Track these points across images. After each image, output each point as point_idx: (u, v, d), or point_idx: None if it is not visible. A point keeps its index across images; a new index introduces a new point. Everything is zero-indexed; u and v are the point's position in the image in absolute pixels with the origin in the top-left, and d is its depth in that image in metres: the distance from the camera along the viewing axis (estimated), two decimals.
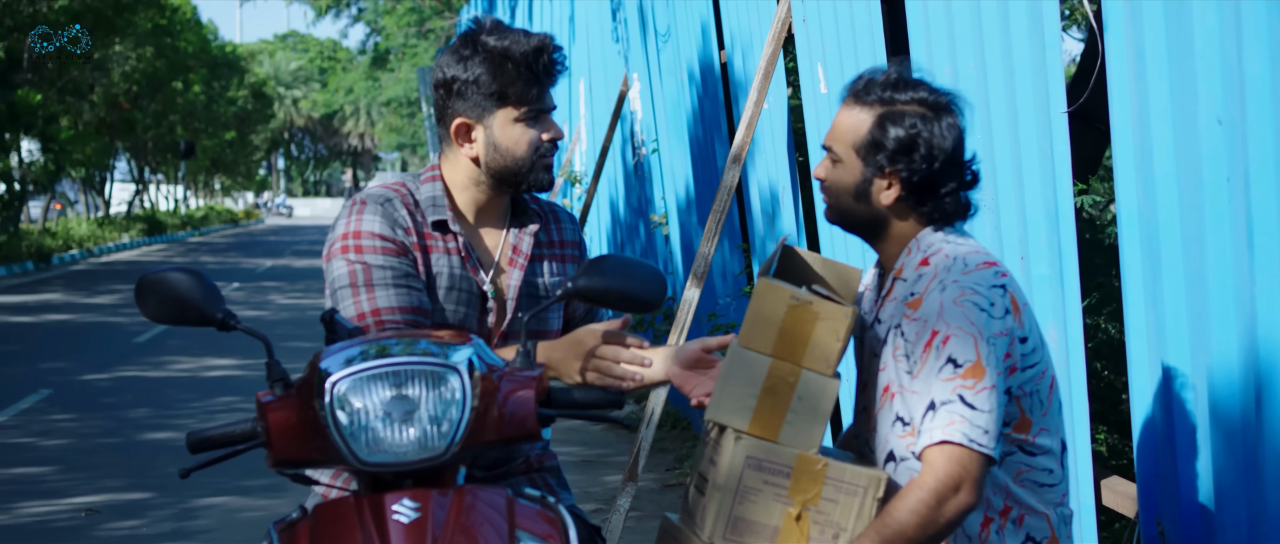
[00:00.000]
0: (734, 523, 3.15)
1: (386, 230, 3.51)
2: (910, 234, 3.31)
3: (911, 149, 3.23)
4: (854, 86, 3.35)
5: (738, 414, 3.18)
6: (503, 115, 3.50)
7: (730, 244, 8.51)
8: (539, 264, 3.63)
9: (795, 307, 3.18)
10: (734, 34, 7.92)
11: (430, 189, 3.59)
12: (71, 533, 7.79)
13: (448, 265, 3.55)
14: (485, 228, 3.63)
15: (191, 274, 3.18)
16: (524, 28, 3.56)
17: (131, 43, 40.86)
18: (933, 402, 3.12)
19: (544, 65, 3.47)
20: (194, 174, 64.64)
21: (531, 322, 3.56)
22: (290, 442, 3.03)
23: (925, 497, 3.07)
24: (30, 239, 34.64)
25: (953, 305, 3.14)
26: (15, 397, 12.56)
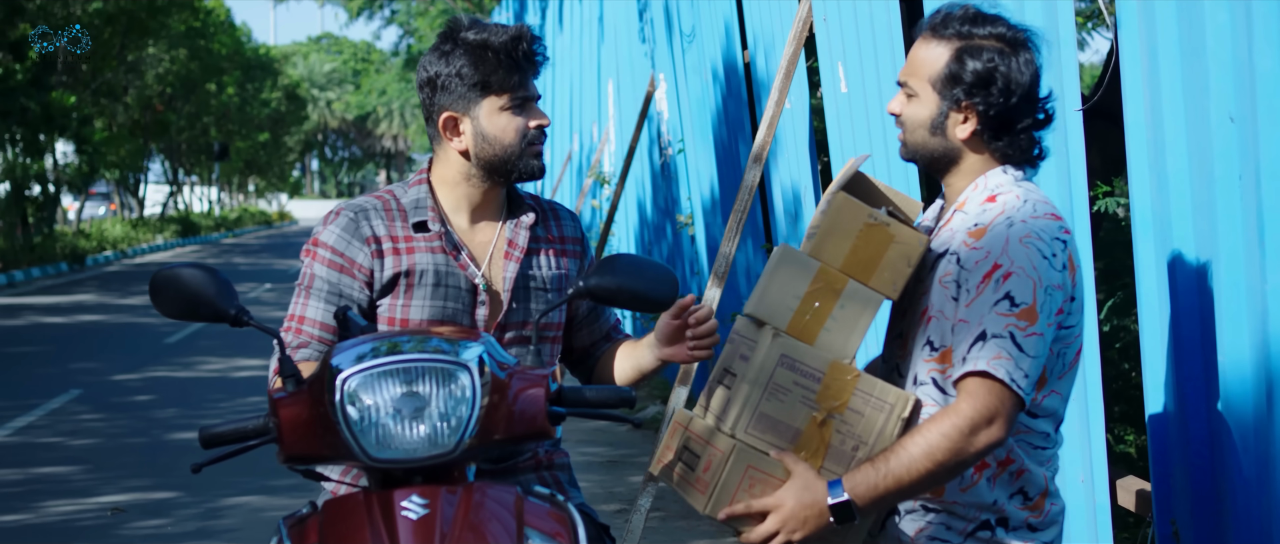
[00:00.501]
0: (759, 418, 3.16)
1: (341, 245, 3.58)
2: (981, 170, 3.30)
3: (989, 82, 3.22)
4: (932, 21, 3.32)
5: (778, 312, 3.19)
6: (488, 105, 3.53)
7: (754, 244, 8.50)
8: (536, 257, 3.65)
9: (871, 226, 3.19)
10: (757, 33, 7.92)
11: (415, 193, 3.64)
12: (97, 532, 7.83)
13: (432, 263, 3.57)
14: (482, 223, 3.65)
15: (205, 270, 3.20)
16: (502, 23, 3.57)
17: (165, 45, 41.07)
18: (984, 332, 3.10)
19: (523, 53, 3.51)
20: (227, 176, 64.86)
21: (530, 313, 3.60)
22: (301, 438, 3.05)
23: (960, 423, 3.06)
24: (64, 240, 34.82)
25: (1018, 244, 3.13)
26: (46, 396, 12.64)
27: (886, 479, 3.07)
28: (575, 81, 17.92)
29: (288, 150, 71.96)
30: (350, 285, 3.56)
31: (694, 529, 7.73)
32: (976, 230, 3.19)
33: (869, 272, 3.19)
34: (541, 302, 3.62)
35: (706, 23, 9.17)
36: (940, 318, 3.21)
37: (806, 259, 3.20)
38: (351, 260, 3.57)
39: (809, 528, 3.10)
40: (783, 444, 3.16)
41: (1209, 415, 3.88)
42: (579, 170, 17.39)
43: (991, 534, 3.22)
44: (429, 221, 3.58)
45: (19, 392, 12.98)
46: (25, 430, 10.98)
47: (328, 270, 3.57)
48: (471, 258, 3.60)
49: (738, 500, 3.15)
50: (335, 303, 3.56)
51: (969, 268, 3.16)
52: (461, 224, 3.63)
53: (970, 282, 3.14)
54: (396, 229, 3.59)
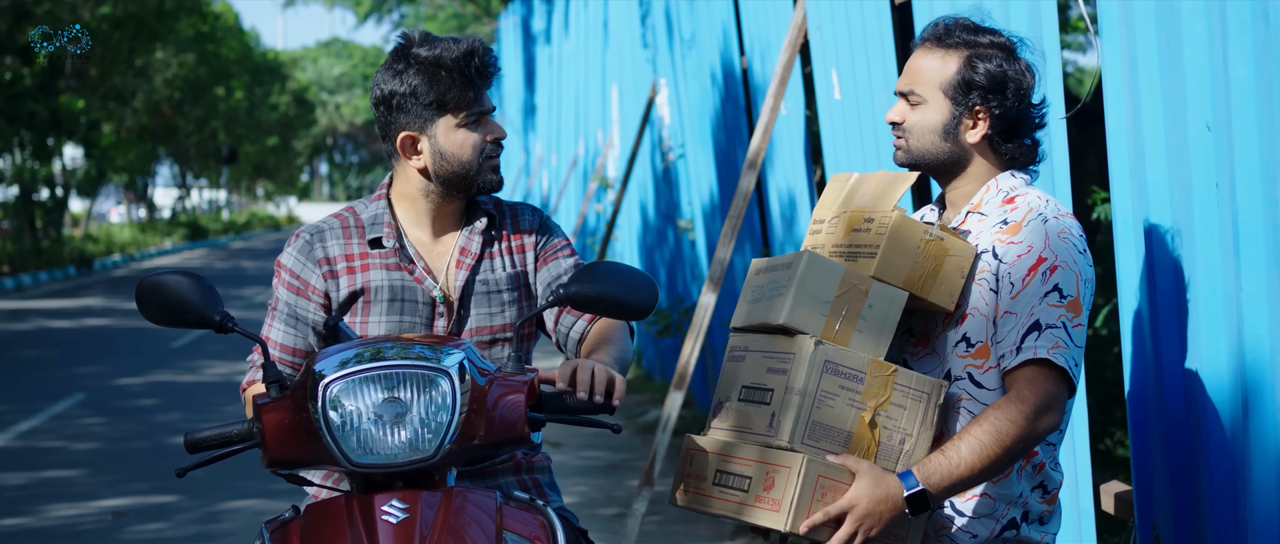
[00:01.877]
0: (812, 427, 3.19)
1: (297, 268, 3.63)
2: (987, 174, 3.41)
3: (1002, 86, 3.32)
4: (932, 32, 3.42)
5: (811, 320, 3.23)
6: (444, 123, 3.54)
7: (752, 249, 8.53)
8: (490, 261, 3.65)
9: (928, 241, 3.27)
10: (753, 39, 7.96)
11: (374, 209, 3.66)
12: (98, 535, 7.87)
13: (387, 279, 3.60)
14: (443, 235, 3.66)
15: (190, 276, 3.24)
16: (455, 36, 3.58)
17: (173, 49, 41.13)
18: (1038, 322, 3.20)
19: (476, 68, 3.52)
20: (236, 179, 64.94)
21: (482, 318, 3.61)
22: (284, 442, 3.09)
23: (1026, 409, 3.15)
24: (72, 244, 34.88)
25: (1057, 238, 3.25)
26: (50, 400, 12.68)
27: (959, 467, 3.14)
28: (581, 86, 17.96)
29: (296, 154, 72.04)
30: (306, 307, 3.61)
31: (691, 533, 7.76)
32: (1010, 227, 3.30)
33: (929, 286, 3.27)
34: (496, 304, 3.62)
35: (705, 28, 9.21)
36: (976, 315, 3.30)
37: (831, 264, 3.25)
38: (307, 282, 3.61)
39: (883, 522, 3.15)
40: (837, 448, 3.20)
41: (1189, 421, 3.91)
42: (584, 175, 17.42)
43: (1016, 533, 3.32)
44: (384, 238, 3.60)
45: (24, 395, 13.03)
46: (29, 434, 11.03)
47: (287, 293, 3.63)
48: (428, 271, 3.61)
49: (813, 511, 3.16)
50: (293, 325, 3.61)
51: (1010, 262, 3.26)
52: (421, 237, 3.65)
53: (1015, 275, 3.25)
54: (352, 247, 3.62)
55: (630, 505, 7.94)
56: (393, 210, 3.66)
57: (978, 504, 3.30)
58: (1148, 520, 4.16)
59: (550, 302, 3.32)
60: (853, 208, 3.38)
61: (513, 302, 3.65)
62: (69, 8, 30.19)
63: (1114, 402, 8.84)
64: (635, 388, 12.69)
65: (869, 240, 3.30)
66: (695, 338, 7.09)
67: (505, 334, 3.63)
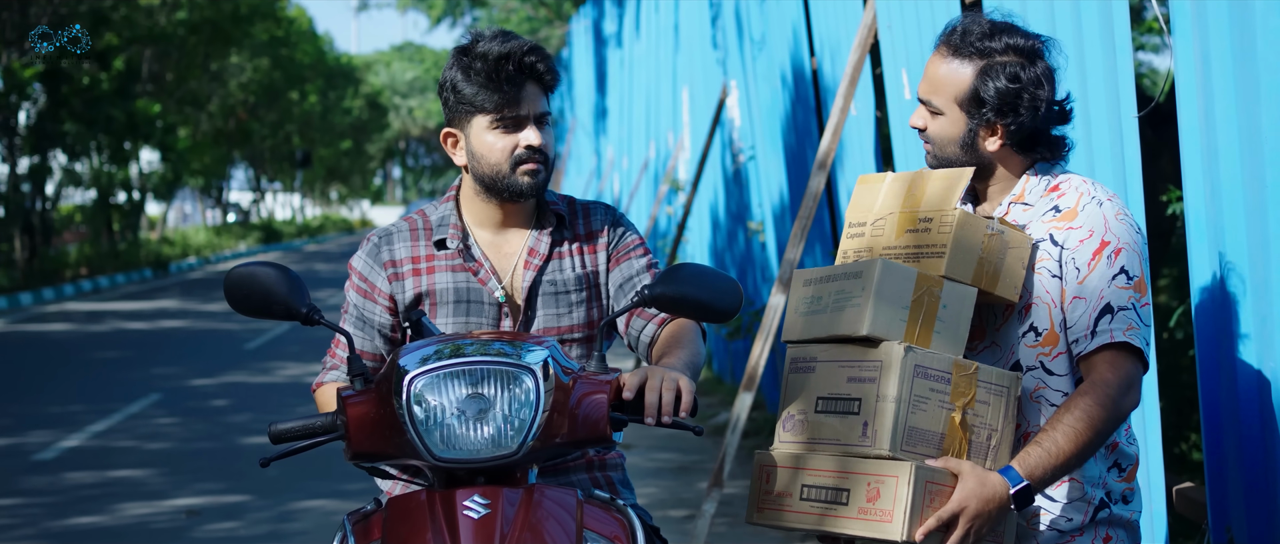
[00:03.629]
0: (909, 433, 3.15)
1: (365, 271, 3.64)
2: (1017, 171, 3.38)
3: (1015, 100, 3.28)
4: (948, 38, 3.36)
5: (893, 326, 3.19)
6: (477, 123, 3.52)
7: (822, 251, 8.50)
8: (559, 261, 3.63)
9: (990, 236, 3.24)
10: (823, 39, 7.93)
11: (443, 210, 3.66)
12: (171, 534, 7.94)
13: (452, 281, 3.59)
14: (510, 234, 3.65)
15: (278, 269, 3.27)
16: (519, 37, 3.53)
17: (248, 54, 41.46)
18: (1109, 304, 3.20)
19: (508, 74, 3.47)
20: (310, 183, 65.39)
21: (549, 319, 3.59)
22: (368, 436, 3.12)
23: (1111, 392, 3.16)
24: (148, 247, 35.24)
25: (1115, 220, 3.24)
26: (126, 401, 12.81)
27: (1057, 457, 3.13)
28: (652, 89, 17.95)
29: (369, 158, 72.45)
30: (373, 309, 3.62)
31: (761, 535, 7.74)
32: (1065, 214, 3.28)
33: (995, 280, 3.25)
34: (563, 304, 3.61)
35: (775, 29, 9.18)
36: (1040, 304, 3.28)
37: (903, 268, 3.20)
38: (373, 285, 3.62)
39: (992, 520, 3.14)
40: (933, 451, 3.18)
41: (1264, 422, 3.86)
42: (655, 177, 17.42)
43: (1109, 512, 3.31)
44: (448, 239, 3.60)
45: (100, 396, 13.17)
46: (104, 434, 11.14)
47: (356, 295, 3.65)
48: (494, 271, 3.60)
49: (925, 517, 3.12)
50: (361, 328, 3.62)
51: (1071, 247, 3.25)
52: (486, 238, 3.64)
53: (1079, 259, 3.24)
54: (419, 249, 3.62)
55: (700, 507, 7.93)
56: (460, 211, 3.65)
57: (1068, 490, 3.29)
58: (1222, 523, 4.11)
59: (635, 302, 3.30)
60: (903, 208, 3.32)
61: (581, 302, 3.63)
62: (145, 12, 30.50)
63: (1189, 406, 8.74)
64: (706, 390, 12.67)
65: (932, 240, 3.26)
66: (764, 339, 7.07)
67: (573, 335, 3.62)
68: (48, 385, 14.10)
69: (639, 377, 3.16)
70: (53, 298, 26.06)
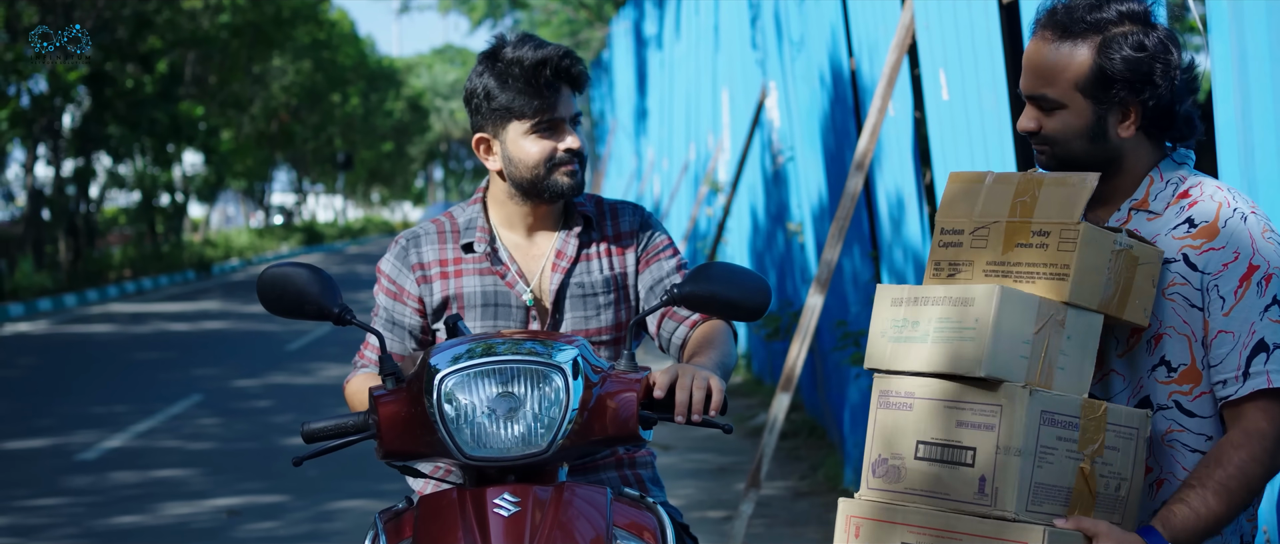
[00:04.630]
0: (1036, 489, 2.76)
1: (394, 274, 3.64)
2: (1146, 163, 2.95)
3: (1148, 71, 2.86)
4: (1050, 20, 2.92)
5: (1013, 365, 2.78)
6: (514, 128, 3.52)
7: (861, 251, 8.48)
8: (587, 263, 3.62)
9: (1117, 252, 2.83)
10: (861, 40, 7.91)
11: (470, 212, 3.66)
12: (211, 534, 7.98)
13: (479, 285, 3.59)
14: (537, 236, 3.65)
15: (311, 269, 3.29)
16: (546, 41, 3.52)
17: (290, 56, 41.67)
18: (1263, 341, 2.80)
19: (546, 79, 3.47)
20: (352, 185, 65.65)
21: (577, 321, 3.59)
22: (399, 434, 3.14)
23: (1269, 445, 2.80)
24: (191, 249, 35.43)
25: (1263, 239, 2.85)
26: (168, 401, 12.90)
27: (1206, 519, 2.78)
28: (691, 90, 17.94)
29: (411, 160, 72.67)
30: (403, 312, 3.63)
31: (799, 537, 7.73)
32: (1203, 230, 2.87)
33: (1123, 304, 2.85)
34: (591, 307, 3.60)
35: (814, 30, 9.17)
36: (1174, 335, 2.89)
37: (1023, 296, 2.78)
38: (402, 287, 3.63)
39: None
40: (1059, 508, 2.79)
41: None
42: (695, 179, 17.41)
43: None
44: (475, 242, 3.60)
45: (143, 396, 13.26)
46: (146, 435, 11.21)
47: (385, 298, 3.65)
48: (521, 274, 3.60)
49: None
50: (390, 330, 3.62)
51: (1214, 272, 2.85)
52: (514, 240, 3.64)
53: (1223, 287, 2.84)
54: (447, 252, 3.62)
55: (736, 507, 7.93)
56: (488, 214, 3.66)
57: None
58: None
59: (663, 301, 3.30)
60: (1011, 216, 2.87)
61: (609, 304, 3.63)
62: (188, 16, 30.68)
63: None
64: (746, 391, 12.67)
65: (1051, 258, 2.82)
66: (802, 340, 7.06)
67: (601, 337, 3.61)
68: (91, 386, 14.20)
69: (669, 375, 3.16)
70: (97, 299, 26.23)
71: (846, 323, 8.51)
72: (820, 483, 8.95)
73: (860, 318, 8.50)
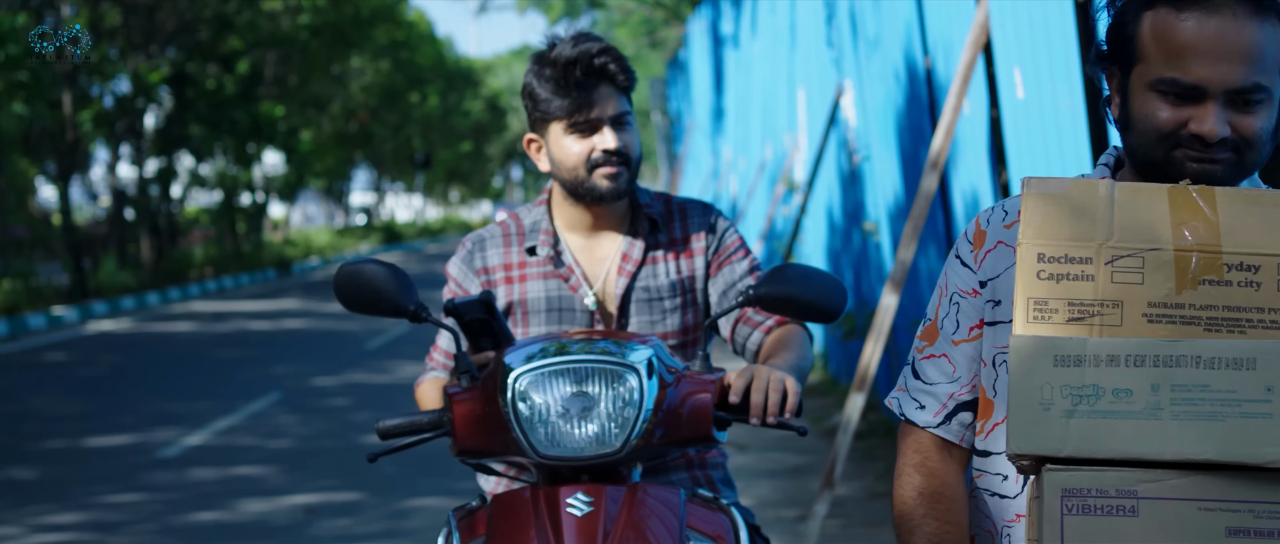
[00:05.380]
0: None
1: (459, 277, 3.64)
2: None
3: None
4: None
5: None
6: (554, 129, 3.49)
7: (936, 250, 8.44)
8: (653, 266, 3.59)
9: None
10: (936, 38, 7.88)
11: (535, 215, 3.63)
12: (288, 531, 8.05)
13: (543, 290, 3.57)
14: (602, 237, 3.62)
15: (387, 266, 3.30)
16: (594, 37, 3.48)
17: (369, 57, 41.93)
18: None
19: (577, 79, 3.43)
20: (430, 185, 65.99)
21: (642, 325, 3.59)
22: (473, 432, 3.15)
23: None
24: (271, 248, 35.72)
25: None
26: (248, 399, 13.01)
27: None
28: (768, 90, 17.91)
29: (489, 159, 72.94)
30: None
31: (875, 537, 7.71)
32: None
33: None
34: (657, 311, 3.57)
35: (888, 27, 9.14)
36: None
37: None
38: (467, 292, 3.61)
39: None
40: None
41: None
42: (771, 178, 17.39)
43: None
44: (539, 246, 3.58)
45: (223, 394, 13.39)
46: (227, 432, 11.32)
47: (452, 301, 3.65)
48: (585, 278, 3.57)
49: None
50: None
51: None
52: (578, 243, 3.60)
53: None
54: (511, 256, 3.60)
55: (811, 508, 7.91)
56: (552, 216, 3.63)
57: None
58: None
59: (739, 303, 3.25)
60: (1182, 243, 2.17)
61: (675, 308, 3.60)
62: (269, 17, 30.95)
63: None
64: (821, 391, 12.64)
65: (1266, 301, 2.16)
66: (876, 340, 7.04)
67: (667, 342, 3.56)
68: (173, 384, 14.35)
69: (744, 377, 3.15)
70: (178, 298, 26.51)
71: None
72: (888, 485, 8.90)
73: None
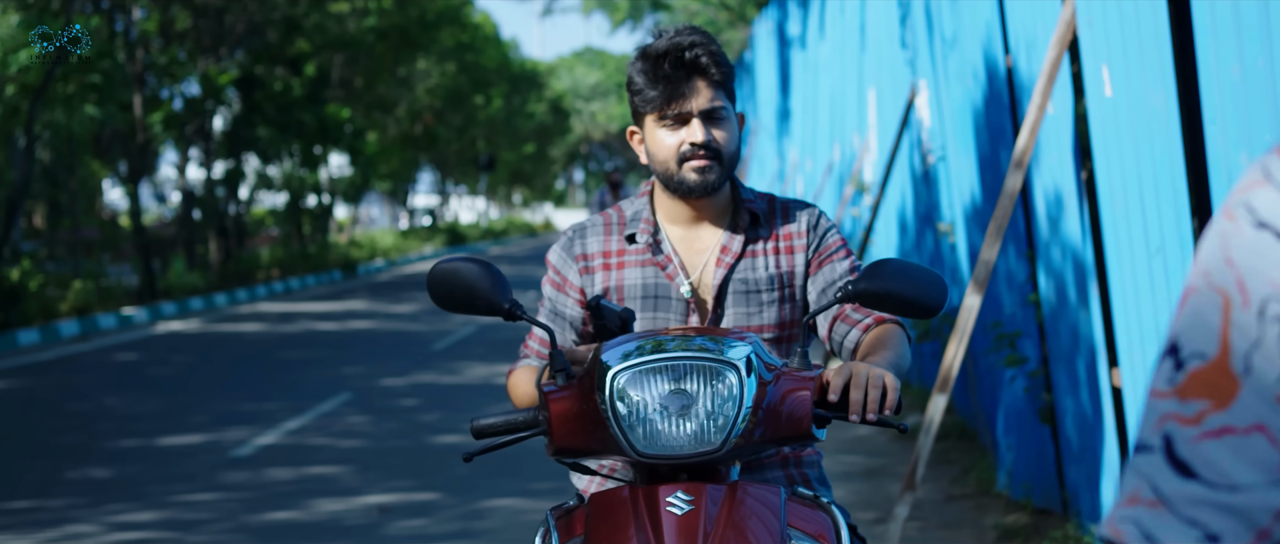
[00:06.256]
0: None
1: (559, 265, 3.62)
2: None
3: None
4: None
5: None
6: (650, 121, 3.49)
7: (1016, 251, 8.35)
8: (752, 260, 3.56)
9: None
10: (1018, 36, 7.79)
11: (637, 205, 3.63)
12: (363, 531, 8.04)
13: (640, 277, 3.56)
14: (702, 229, 3.60)
15: (481, 264, 3.28)
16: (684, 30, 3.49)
17: (435, 59, 42.08)
18: None
19: (665, 71, 3.42)
20: (494, 187, 66.19)
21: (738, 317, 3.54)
22: (570, 431, 3.11)
23: None
24: (337, 249, 35.88)
25: None
26: (318, 399, 13.05)
27: None
28: (836, 91, 17.84)
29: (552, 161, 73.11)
30: (565, 303, 3.60)
31: (953, 539, 7.63)
32: None
33: None
34: (754, 304, 3.54)
35: (967, 27, 9.05)
36: None
37: None
38: (566, 278, 3.61)
39: None
40: None
41: None
42: (839, 180, 17.32)
43: None
44: (639, 234, 3.57)
45: (293, 394, 13.43)
46: (298, 432, 11.35)
47: (550, 288, 3.63)
48: (683, 267, 3.56)
49: None
50: (553, 321, 3.61)
51: None
52: (678, 234, 3.60)
53: None
54: (611, 244, 3.60)
55: (888, 509, 7.84)
56: (654, 207, 3.63)
57: None
58: None
59: (838, 298, 3.22)
60: None
61: (773, 302, 3.56)
62: (336, 19, 31.10)
63: None
64: None
65: None
66: (959, 340, 6.96)
67: (763, 335, 3.53)
68: (243, 384, 14.41)
69: (843, 375, 3.10)
70: (246, 299, 26.66)
71: (1001, 324, 8.38)
72: (972, 486, 8.83)
73: (1016, 319, 8.38)
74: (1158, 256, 5.93)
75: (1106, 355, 6.96)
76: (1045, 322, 7.70)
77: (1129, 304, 6.34)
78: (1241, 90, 4.79)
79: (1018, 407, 8.36)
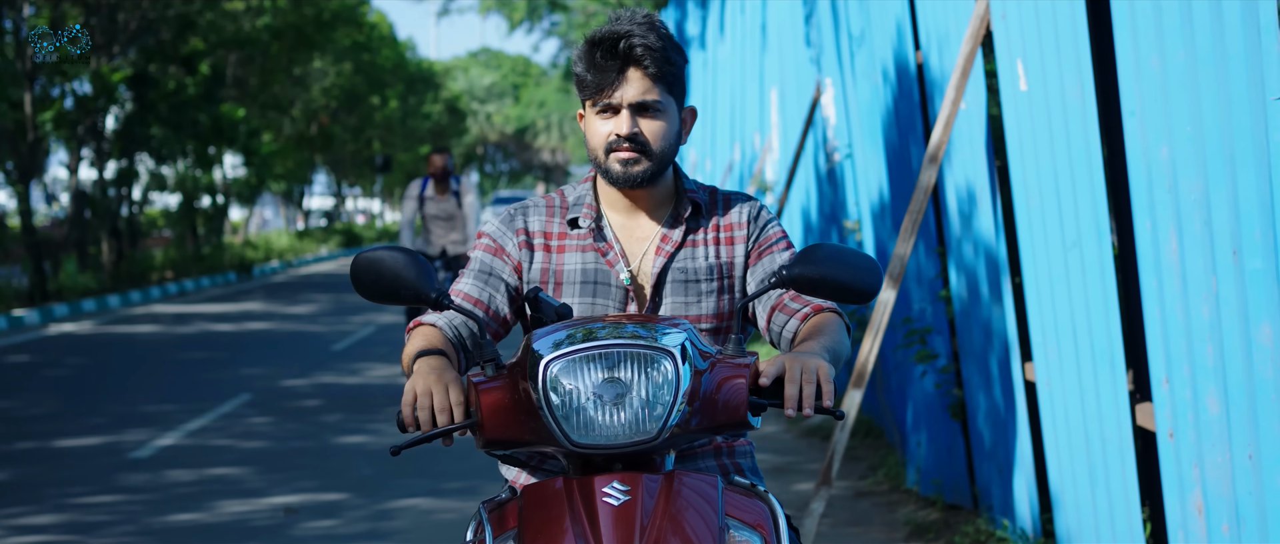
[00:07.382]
0: None
1: (496, 235, 3.58)
2: None
3: None
4: None
5: None
6: (588, 108, 3.48)
7: (925, 247, 8.37)
8: (692, 249, 3.54)
9: None
10: (930, 33, 7.80)
11: (580, 190, 3.61)
12: (270, 532, 7.91)
13: (580, 262, 3.53)
14: (642, 218, 3.58)
15: (407, 253, 3.21)
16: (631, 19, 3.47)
17: (331, 59, 41.74)
18: None
19: (597, 60, 3.40)
20: (390, 188, 65.77)
21: (676, 307, 3.52)
22: (502, 423, 3.04)
23: None
24: (232, 251, 35.49)
25: None
26: (218, 400, 12.85)
27: None
28: (736, 90, 17.88)
29: None
30: (501, 266, 3.55)
31: (864, 536, 7.63)
32: None
33: None
34: (692, 293, 3.52)
35: (877, 24, 9.06)
36: None
37: None
38: (502, 246, 3.56)
39: None
40: None
41: None
42: (740, 180, 17.34)
43: None
44: (581, 218, 3.54)
45: (192, 395, 13.22)
46: (198, 433, 11.16)
47: (483, 254, 3.57)
48: (623, 255, 3.53)
49: None
50: (484, 280, 3.54)
51: None
52: (620, 221, 3.57)
53: None
54: (552, 226, 3.57)
55: (799, 507, 7.83)
56: (597, 192, 3.60)
57: None
58: None
59: (772, 284, 3.20)
60: None
61: (711, 292, 3.53)
62: (230, 18, 30.74)
63: None
64: None
65: None
66: (874, 336, 6.95)
67: (701, 325, 3.51)
68: (140, 385, 14.17)
69: (777, 365, 3.06)
70: (140, 300, 26.26)
71: (911, 320, 8.39)
72: (881, 482, 8.85)
73: (924, 315, 8.39)
74: (1074, 250, 5.94)
75: (1020, 350, 6.99)
76: (956, 317, 7.72)
77: (1043, 298, 6.36)
78: (1161, 82, 4.81)
79: (928, 403, 8.38)
